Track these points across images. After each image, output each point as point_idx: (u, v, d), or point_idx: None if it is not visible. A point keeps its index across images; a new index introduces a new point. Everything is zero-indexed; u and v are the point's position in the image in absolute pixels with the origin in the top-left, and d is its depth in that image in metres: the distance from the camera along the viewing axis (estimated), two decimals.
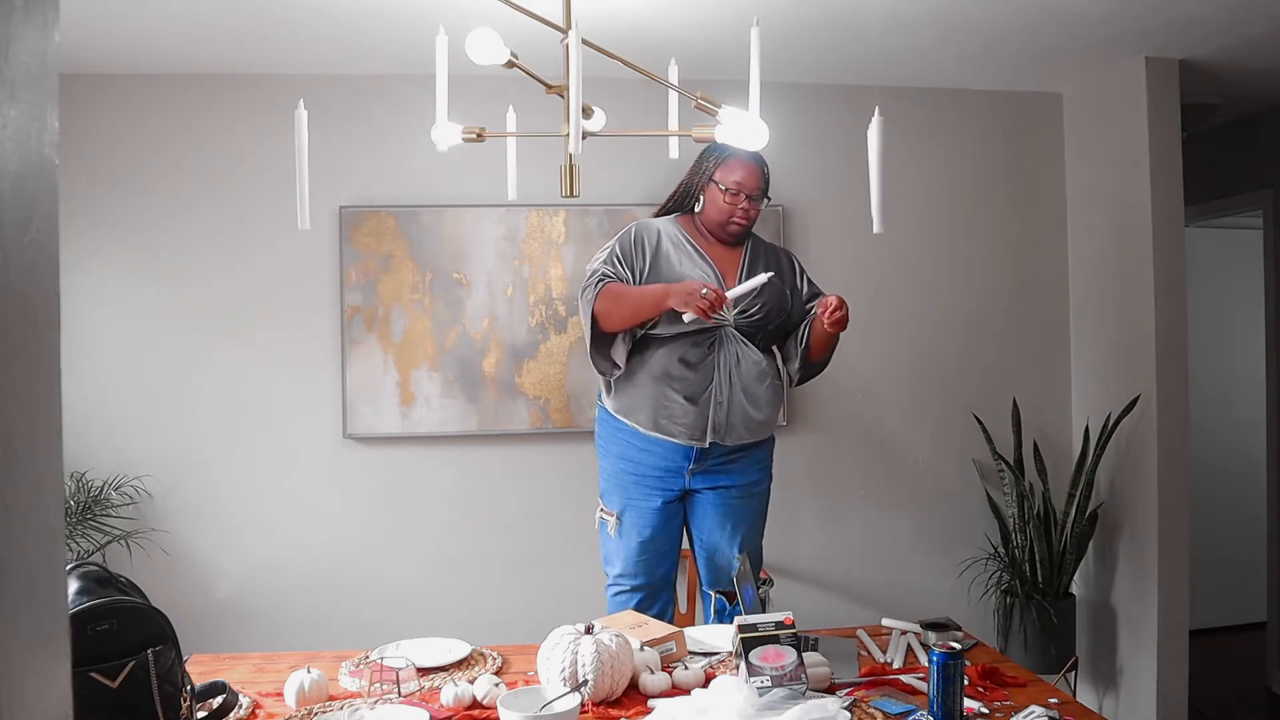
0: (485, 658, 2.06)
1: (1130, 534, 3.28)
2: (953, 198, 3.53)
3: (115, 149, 3.16)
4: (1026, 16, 2.79)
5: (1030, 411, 3.48)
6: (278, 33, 2.82)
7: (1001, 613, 3.30)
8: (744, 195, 2.39)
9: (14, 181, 0.51)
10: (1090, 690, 3.44)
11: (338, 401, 3.23)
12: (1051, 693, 1.85)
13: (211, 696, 1.61)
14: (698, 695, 1.73)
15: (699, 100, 1.72)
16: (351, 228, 3.23)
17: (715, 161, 2.42)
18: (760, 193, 2.43)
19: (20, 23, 0.52)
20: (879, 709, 1.70)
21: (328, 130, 3.10)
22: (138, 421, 3.16)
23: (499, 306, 3.28)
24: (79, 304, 3.11)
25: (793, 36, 2.92)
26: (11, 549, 0.50)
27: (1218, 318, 4.64)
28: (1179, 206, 3.21)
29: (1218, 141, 4.01)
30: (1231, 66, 3.22)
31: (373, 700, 1.70)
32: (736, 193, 2.39)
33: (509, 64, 1.68)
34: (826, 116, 3.40)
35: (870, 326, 3.45)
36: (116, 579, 1.54)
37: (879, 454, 3.48)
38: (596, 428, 2.62)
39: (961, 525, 3.50)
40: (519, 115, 2.11)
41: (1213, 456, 4.44)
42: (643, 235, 2.46)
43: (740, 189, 2.38)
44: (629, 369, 2.45)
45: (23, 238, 0.52)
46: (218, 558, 3.20)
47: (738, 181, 2.39)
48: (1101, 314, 3.45)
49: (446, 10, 2.55)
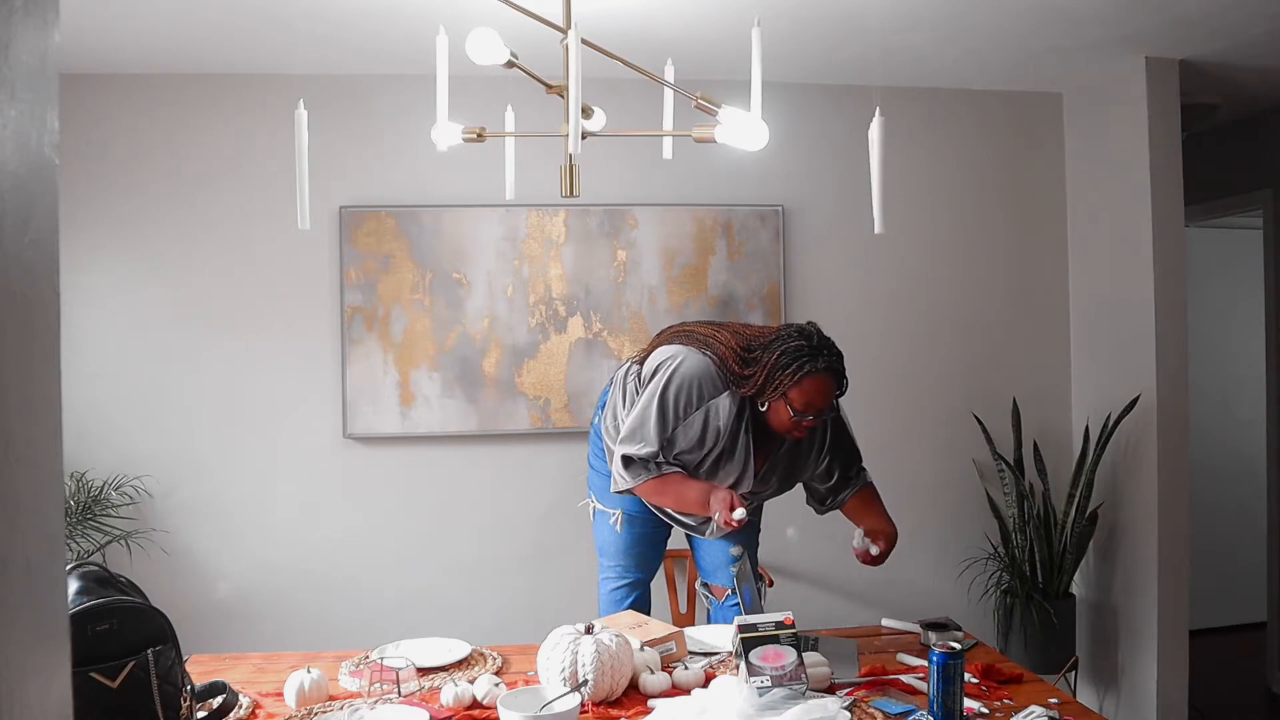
0: (485, 658, 2.06)
1: (1130, 534, 3.28)
2: (953, 198, 3.53)
3: (115, 149, 3.16)
4: (1026, 16, 2.79)
5: (1030, 411, 3.48)
6: (277, 33, 2.82)
7: (1001, 613, 3.30)
8: (811, 414, 2.16)
9: (14, 181, 0.51)
10: (1090, 690, 3.44)
11: (338, 401, 3.23)
12: (1051, 693, 1.85)
13: (211, 696, 1.61)
14: (698, 695, 1.73)
15: (699, 100, 1.72)
16: (351, 228, 3.23)
17: (793, 379, 2.11)
18: (834, 409, 2.24)
19: (20, 23, 0.52)
20: (879, 709, 1.70)
21: (328, 130, 3.10)
22: (138, 421, 3.16)
23: (499, 306, 3.28)
24: (79, 304, 3.11)
25: (793, 36, 2.92)
26: (11, 549, 0.50)
27: (1218, 318, 4.64)
28: (1179, 206, 3.21)
29: (1218, 141, 4.01)
30: (1231, 66, 3.22)
31: (373, 700, 1.70)
32: (806, 413, 2.15)
33: (509, 64, 1.68)
34: (826, 116, 3.40)
35: (870, 326, 3.46)
36: (116, 579, 1.54)
37: (879, 454, 3.47)
38: (591, 438, 2.57)
39: (961, 525, 3.50)
40: (519, 115, 2.11)
41: (1213, 456, 4.44)
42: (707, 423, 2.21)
43: (811, 410, 2.15)
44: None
45: (23, 238, 0.52)
46: (218, 558, 3.20)
47: (811, 404, 2.14)
48: (1101, 314, 3.45)
49: (446, 10, 2.55)
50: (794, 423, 2.15)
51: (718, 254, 3.35)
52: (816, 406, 2.14)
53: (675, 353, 2.28)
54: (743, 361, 2.20)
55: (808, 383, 2.11)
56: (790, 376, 2.11)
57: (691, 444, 2.21)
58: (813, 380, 2.11)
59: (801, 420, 2.15)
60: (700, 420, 2.21)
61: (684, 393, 2.20)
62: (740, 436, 2.22)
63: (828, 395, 2.15)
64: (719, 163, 3.04)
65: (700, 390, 2.20)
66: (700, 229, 3.36)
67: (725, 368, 2.21)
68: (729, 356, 2.22)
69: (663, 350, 2.32)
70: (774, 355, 2.15)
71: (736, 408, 2.20)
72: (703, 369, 2.22)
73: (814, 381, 2.11)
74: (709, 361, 2.23)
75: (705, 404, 2.20)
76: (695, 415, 2.21)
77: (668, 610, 2.86)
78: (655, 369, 2.29)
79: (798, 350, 2.12)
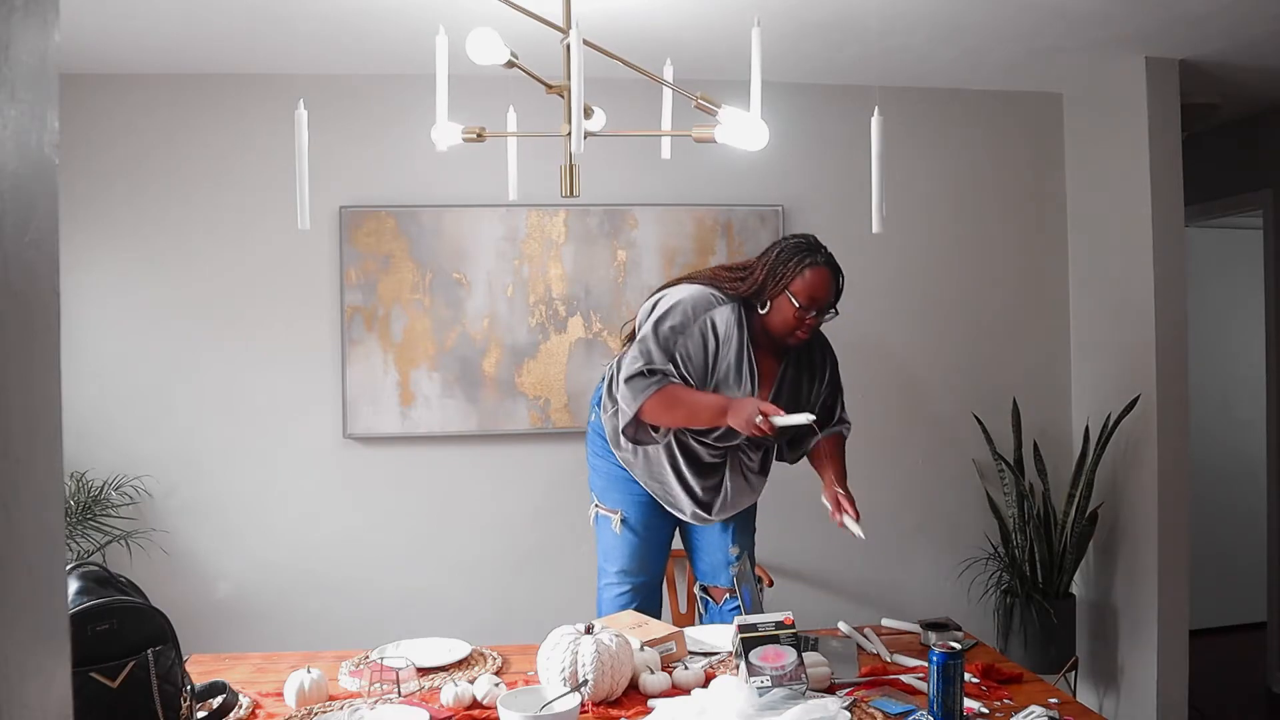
0: (485, 658, 2.06)
1: (1130, 534, 3.28)
2: (953, 198, 3.53)
3: (115, 149, 3.16)
4: (1026, 16, 2.79)
5: (1030, 411, 3.48)
6: (277, 33, 2.82)
7: (1001, 613, 3.30)
8: (815, 310, 2.23)
9: (14, 181, 0.51)
10: (1090, 690, 3.44)
11: (338, 401, 3.23)
12: (1051, 693, 1.85)
13: (211, 696, 1.61)
14: (698, 695, 1.73)
15: (699, 100, 1.72)
16: (351, 228, 3.23)
17: (795, 271, 2.21)
18: (832, 305, 2.29)
19: (20, 23, 0.52)
20: (879, 709, 1.70)
21: (328, 130, 3.10)
22: (138, 421, 3.16)
23: (499, 306, 3.28)
24: (79, 304, 3.11)
25: (793, 36, 2.92)
26: (11, 549, 0.50)
27: (1218, 318, 4.64)
28: (1179, 206, 3.21)
29: (1218, 141, 4.01)
30: (1231, 66, 3.22)
31: (373, 700, 1.70)
32: (809, 308, 2.22)
33: (509, 64, 1.68)
34: (826, 116, 3.40)
35: (870, 326, 3.46)
36: (116, 579, 1.54)
37: (879, 453, 3.47)
38: (589, 437, 2.59)
39: (961, 525, 3.50)
40: (519, 115, 2.11)
41: (1213, 456, 4.44)
42: (706, 333, 2.27)
43: (814, 304, 2.22)
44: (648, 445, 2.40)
45: (23, 238, 0.52)
46: (218, 558, 3.20)
47: (814, 298, 2.21)
48: (1101, 314, 3.45)
49: (446, 10, 2.55)
50: (798, 318, 2.22)
51: (718, 254, 3.35)
52: (820, 300, 2.22)
53: (665, 291, 2.39)
54: (735, 278, 2.31)
55: (810, 274, 2.21)
56: (793, 268, 2.21)
57: (695, 354, 2.25)
58: (814, 271, 2.21)
59: (806, 316, 2.22)
60: (699, 332, 2.27)
61: (679, 311, 2.28)
62: (744, 350, 2.27)
63: (828, 288, 2.24)
64: (719, 163, 3.03)
65: (695, 307, 2.28)
66: (700, 229, 3.36)
67: (718, 285, 2.31)
68: (719, 276, 2.34)
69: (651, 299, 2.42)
70: (773, 254, 2.26)
71: (736, 317, 2.27)
72: (695, 292, 2.31)
73: (816, 272, 2.21)
74: (700, 286, 2.32)
75: (703, 316, 2.27)
76: (693, 327, 2.27)
77: (668, 610, 2.86)
78: (650, 308, 2.36)
79: (797, 246, 2.25)
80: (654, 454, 2.40)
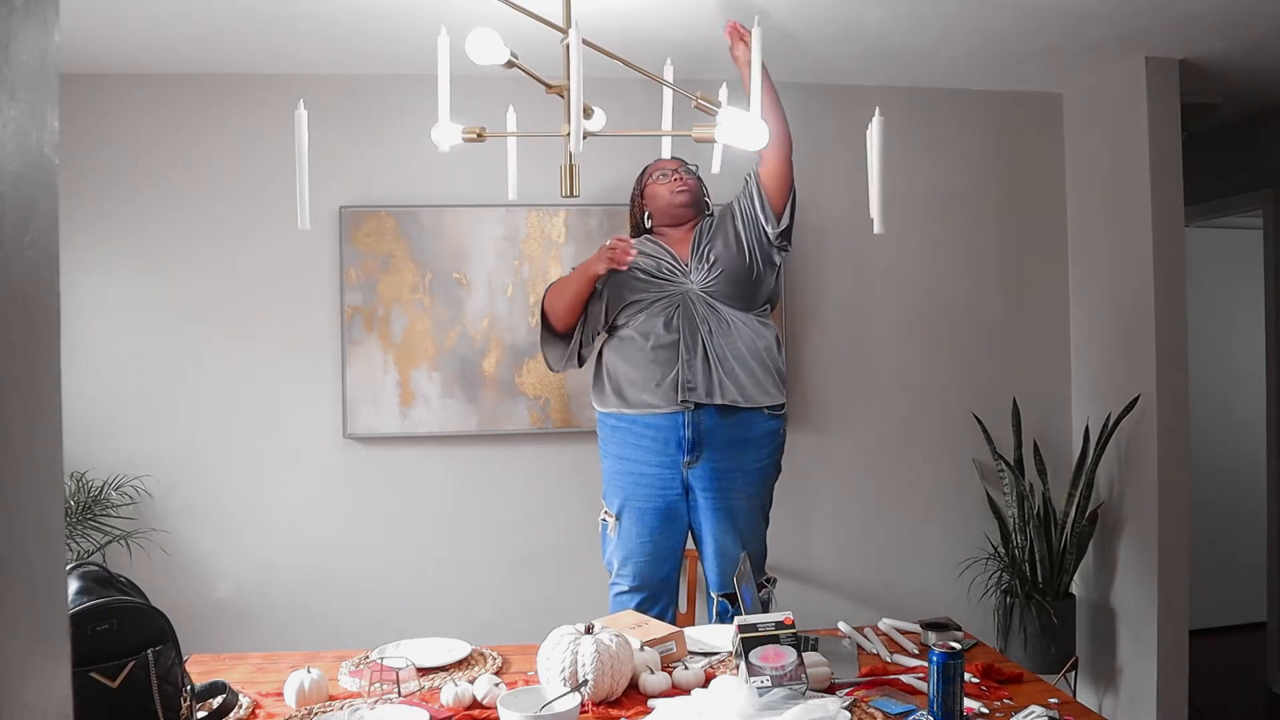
0: (485, 658, 2.06)
1: (1130, 534, 3.28)
2: (952, 198, 3.53)
3: (115, 149, 3.16)
4: (1026, 16, 2.79)
5: (1030, 411, 3.48)
6: (277, 33, 2.82)
7: (1001, 613, 3.30)
8: (670, 171, 2.65)
9: (14, 181, 0.51)
10: (1090, 690, 3.44)
11: (338, 401, 3.23)
12: (1051, 693, 1.85)
13: (211, 696, 1.61)
14: (698, 695, 1.73)
15: (699, 100, 1.72)
16: (351, 228, 3.23)
17: (636, 189, 2.78)
18: (681, 162, 2.66)
19: (20, 23, 0.52)
20: (879, 709, 1.70)
21: (328, 130, 3.10)
22: (138, 421, 3.16)
23: (499, 306, 3.28)
24: (79, 304, 3.11)
25: (793, 36, 2.92)
26: (11, 549, 0.50)
27: (1218, 318, 4.64)
28: (1179, 206, 3.21)
29: (1218, 141, 4.01)
30: (1231, 66, 3.22)
31: (373, 700, 1.70)
32: (663, 174, 2.67)
33: (509, 64, 1.68)
34: (826, 116, 3.39)
35: (870, 327, 3.46)
36: (116, 579, 1.54)
37: (879, 454, 3.48)
38: (597, 429, 2.66)
39: (961, 525, 3.50)
40: (519, 115, 2.11)
41: (1213, 456, 4.44)
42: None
43: (661, 169, 2.66)
44: (608, 358, 2.60)
45: (23, 238, 0.52)
46: (218, 558, 3.20)
47: (657, 168, 2.68)
48: (1101, 314, 3.45)
49: (446, 10, 2.55)
50: (665, 185, 2.66)
51: None
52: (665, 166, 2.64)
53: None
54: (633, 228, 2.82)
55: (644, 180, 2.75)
56: (638, 182, 2.78)
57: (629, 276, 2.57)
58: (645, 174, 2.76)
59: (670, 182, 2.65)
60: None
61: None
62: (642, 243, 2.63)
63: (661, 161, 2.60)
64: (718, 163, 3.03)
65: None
66: None
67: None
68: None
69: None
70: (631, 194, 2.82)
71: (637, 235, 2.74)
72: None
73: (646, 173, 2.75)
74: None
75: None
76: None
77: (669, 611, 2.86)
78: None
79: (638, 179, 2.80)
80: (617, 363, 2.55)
